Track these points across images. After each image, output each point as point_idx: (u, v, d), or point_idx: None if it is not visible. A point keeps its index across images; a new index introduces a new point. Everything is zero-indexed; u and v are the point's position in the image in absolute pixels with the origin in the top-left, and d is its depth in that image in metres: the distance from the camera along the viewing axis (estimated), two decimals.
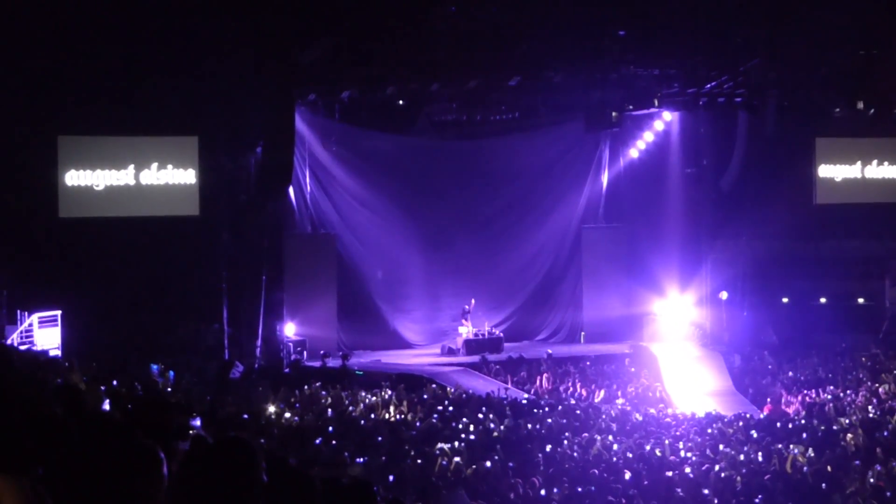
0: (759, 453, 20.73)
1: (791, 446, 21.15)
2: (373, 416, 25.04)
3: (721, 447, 21.50)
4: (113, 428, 4.61)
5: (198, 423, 14.72)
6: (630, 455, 20.60)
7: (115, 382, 22.64)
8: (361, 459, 19.21)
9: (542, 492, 16.98)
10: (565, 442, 21.64)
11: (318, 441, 21.03)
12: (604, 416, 25.56)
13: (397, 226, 38.15)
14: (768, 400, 30.64)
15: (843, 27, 31.05)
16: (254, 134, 32.67)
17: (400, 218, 38.11)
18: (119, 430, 4.54)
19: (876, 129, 37.77)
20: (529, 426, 23.47)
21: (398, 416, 25.27)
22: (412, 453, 20.24)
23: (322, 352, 33.49)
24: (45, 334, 28.84)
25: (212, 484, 4.39)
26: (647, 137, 40.26)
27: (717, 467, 19.06)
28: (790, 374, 33.48)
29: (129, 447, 4.21)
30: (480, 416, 24.46)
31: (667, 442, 22.01)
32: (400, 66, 32.81)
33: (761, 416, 27.19)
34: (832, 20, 30.50)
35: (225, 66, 30.29)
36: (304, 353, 34.36)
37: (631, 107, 35.79)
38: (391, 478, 17.70)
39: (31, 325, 28.72)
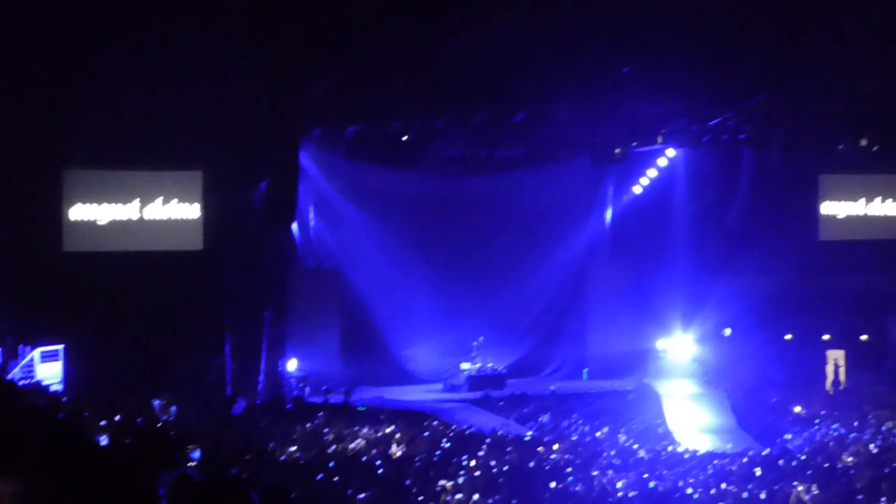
0: (763, 491, 20.66)
1: (795, 483, 21.09)
2: (375, 451, 25.00)
3: (724, 485, 21.45)
4: (113, 463, 4.60)
5: (197, 454, 14.76)
6: (634, 492, 20.56)
7: (117, 417, 22.65)
8: (364, 495, 19.19)
9: None
10: (569, 478, 21.60)
11: (320, 476, 21.00)
12: (607, 453, 25.51)
13: (402, 261, 38.11)
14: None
15: (846, 64, 31.11)
16: (259, 169, 32.73)
17: (405, 253, 38.07)
18: (118, 465, 4.53)
19: (880, 166, 37.86)
20: (533, 463, 23.42)
21: (400, 452, 25.22)
22: (414, 490, 20.22)
23: (324, 387, 33.45)
24: (46, 368, 28.83)
25: None
26: (652, 174, 40.28)
27: None
28: (794, 410, 33.40)
29: (128, 482, 4.20)
30: (483, 452, 24.41)
31: (670, 479, 21.97)
32: (406, 101, 32.90)
33: (764, 453, 27.09)
34: (836, 57, 30.57)
35: (231, 100, 30.38)
36: (307, 388, 34.29)
37: (635, 143, 35.88)
38: None
39: (31, 360, 28.72)
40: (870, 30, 29.25)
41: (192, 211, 32.47)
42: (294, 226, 35.42)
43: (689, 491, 20.91)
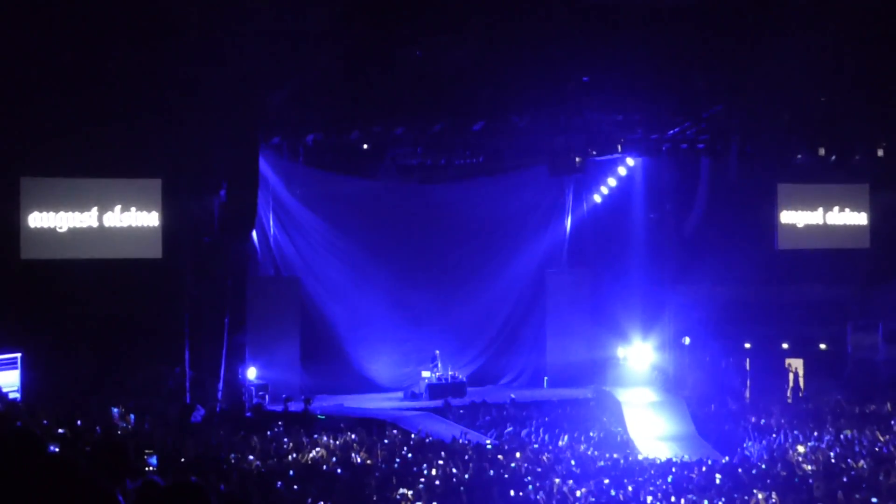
0: (722, 499, 20.71)
1: (754, 491, 21.16)
2: (335, 460, 24.91)
3: (683, 496, 21.48)
4: (71, 471, 4.55)
5: (154, 460, 14.69)
6: (593, 500, 20.57)
7: (78, 423, 22.52)
8: None
9: None
10: (529, 487, 21.58)
11: (279, 485, 20.90)
12: (567, 461, 25.51)
13: (361, 269, 38.10)
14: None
15: (804, 74, 31.32)
16: (218, 176, 32.56)
17: (364, 261, 38.06)
18: (77, 473, 4.49)
19: (837, 176, 38.09)
20: (492, 471, 23.39)
21: (360, 461, 25.14)
22: (374, 498, 20.17)
23: (284, 395, 33.31)
24: (3, 376, 28.60)
25: None
26: (611, 182, 40.41)
27: None
28: (753, 419, 33.53)
29: (87, 490, 4.16)
30: (442, 461, 24.36)
31: (630, 487, 21.99)
32: (365, 109, 32.86)
33: (724, 461, 27.17)
34: (794, 67, 30.77)
35: (189, 108, 30.22)
36: (267, 396, 34.15)
37: (594, 152, 35.96)
38: None
39: None
40: (827, 41, 29.45)
41: (150, 219, 32.28)
42: (253, 234, 35.28)
43: (650, 499, 20.95)
